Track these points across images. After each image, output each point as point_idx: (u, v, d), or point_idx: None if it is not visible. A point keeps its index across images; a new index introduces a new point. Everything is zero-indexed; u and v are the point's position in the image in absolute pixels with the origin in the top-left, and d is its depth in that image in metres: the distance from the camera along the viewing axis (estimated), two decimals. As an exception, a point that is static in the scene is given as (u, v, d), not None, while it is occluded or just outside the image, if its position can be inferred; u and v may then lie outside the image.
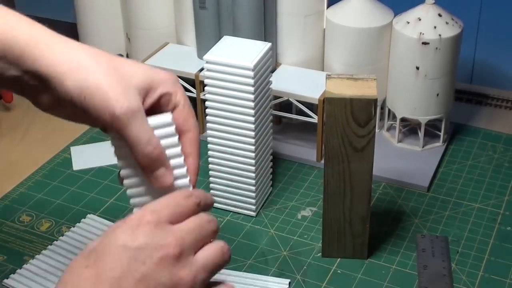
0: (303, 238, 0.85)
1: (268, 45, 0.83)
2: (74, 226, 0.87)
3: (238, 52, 0.81)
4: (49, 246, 0.84)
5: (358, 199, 0.77)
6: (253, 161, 0.84)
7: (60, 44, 0.55)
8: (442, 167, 0.97)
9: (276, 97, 0.95)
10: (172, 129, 0.55)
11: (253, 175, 0.85)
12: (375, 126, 0.73)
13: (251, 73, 0.79)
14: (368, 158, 0.74)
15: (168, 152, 0.55)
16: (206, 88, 0.82)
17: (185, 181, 0.56)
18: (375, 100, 0.71)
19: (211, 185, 0.88)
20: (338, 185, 0.76)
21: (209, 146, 0.85)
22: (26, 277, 0.79)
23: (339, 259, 0.81)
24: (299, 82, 0.97)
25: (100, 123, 0.54)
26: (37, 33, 0.55)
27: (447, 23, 0.92)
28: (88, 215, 0.89)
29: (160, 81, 0.56)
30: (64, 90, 0.54)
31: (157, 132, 0.55)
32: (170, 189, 0.55)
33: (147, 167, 0.55)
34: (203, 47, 1.01)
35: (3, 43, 0.54)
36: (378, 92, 0.73)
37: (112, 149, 0.56)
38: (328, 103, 0.72)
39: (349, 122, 0.72)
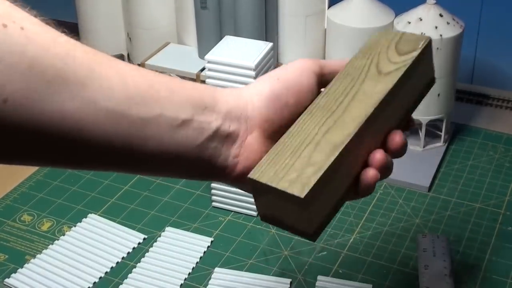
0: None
1: (269, 45, 0.83)
2: (75, 226, 0.87)
3: (240, 52, 0.81)
4: (50, 246, 0.84)
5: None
6: (254, 161, 0.84)
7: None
8: (443, 167, 0.97)
9: (277, 97, 0.95)
10: None
11: (254, 175, 0.85)
12: (412, 61, 0.58)
13: (253, 73, 0.79)
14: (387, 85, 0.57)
15: None
16: (207, 87, 0.82)
17: None
18: (430, 41, 0.58)
19: (212, 184, 0.88)
20: None
21: (210, 145, 0.85)
22: (28, 277, 0.79)
23: (340, 258, 0.81)
24: (300, 82, 0.97)
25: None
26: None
27: (448, 23, 0.92)
28: (89, 215, 0.89)
29: None
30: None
31: None
32: None
33: None
34: (204, 47, 1.01)
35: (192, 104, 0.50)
36: None
37: None
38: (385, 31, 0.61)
39: (389, 48, 0.58)
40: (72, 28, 1.30)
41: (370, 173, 0.52)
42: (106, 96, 0.45)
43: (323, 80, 0.55)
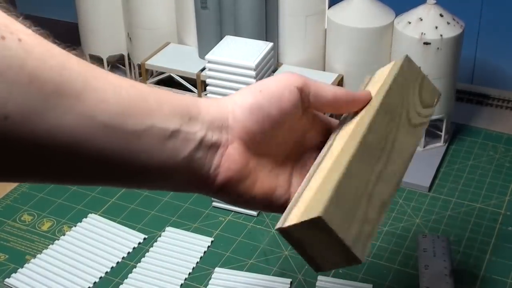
0: (304, 238, 0.85)
1: (269, 45, 0.83)
2: (75, 226, 0.87)
3: (240, 52, 0.81)
4: (51, 246, 0.84)
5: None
6: (254, 161, 0.84)
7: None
8: (443, 167, 0.97)
9: (277, 97, 0.95)
10: None
11: (255, 174, 0.85)
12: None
13: (253, 73, 0.79)
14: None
15: None
16: (207, 87, 0.82)
17: None
18: (439, 95, 0.64)
19: (213, 184, 0.88)
20: None
21: (211, 145, 0.85)
22: (28, 277, 0.79)
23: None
24: (300, 82, 0.97)
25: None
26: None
27: (448, 23, 0.92)
28: (90, 215, 0.89)
29: None
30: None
31: None
32: None
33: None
34: (204, 46, 1.01)
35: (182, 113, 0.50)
36: None
37: None
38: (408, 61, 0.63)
39: (414, 94, 0.62)
40: (72, 28, 1.30)
41: None
42: (101, 109, 0.44)
43: (305, 97, 0.54)
